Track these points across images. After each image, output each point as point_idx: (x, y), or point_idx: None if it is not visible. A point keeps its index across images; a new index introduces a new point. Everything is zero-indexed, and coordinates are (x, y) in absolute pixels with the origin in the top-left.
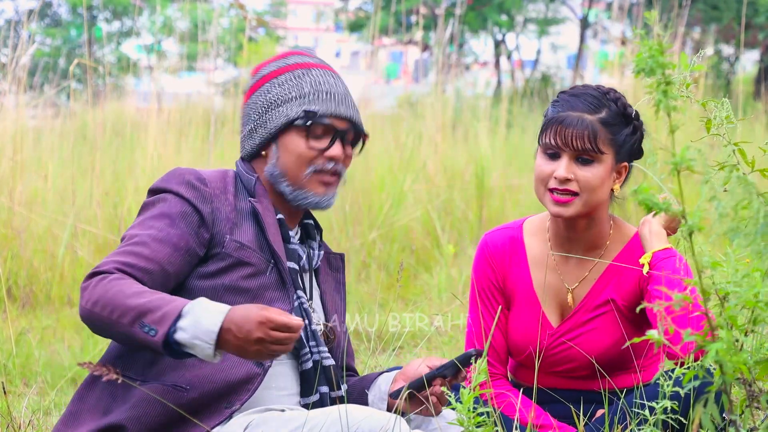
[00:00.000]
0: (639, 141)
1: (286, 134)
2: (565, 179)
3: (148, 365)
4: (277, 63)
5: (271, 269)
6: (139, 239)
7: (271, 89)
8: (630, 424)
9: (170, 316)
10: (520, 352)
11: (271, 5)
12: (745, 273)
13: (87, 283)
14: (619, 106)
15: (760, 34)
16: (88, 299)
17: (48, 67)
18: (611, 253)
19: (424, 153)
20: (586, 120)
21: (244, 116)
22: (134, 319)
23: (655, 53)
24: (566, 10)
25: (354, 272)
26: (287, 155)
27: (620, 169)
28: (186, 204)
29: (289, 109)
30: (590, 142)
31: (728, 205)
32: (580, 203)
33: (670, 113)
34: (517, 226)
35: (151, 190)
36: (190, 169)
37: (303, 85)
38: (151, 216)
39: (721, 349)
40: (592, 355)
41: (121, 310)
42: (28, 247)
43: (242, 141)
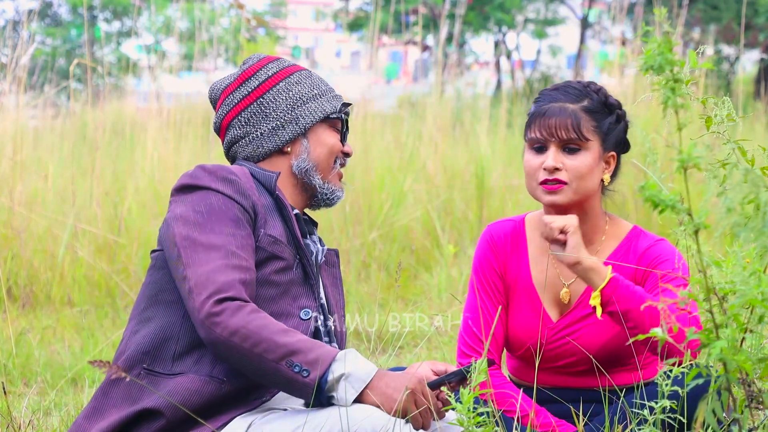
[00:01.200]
0: (624, 131)
1: (319, 129)
2: (554, 168)
3: (176, 359)
4: (276, 65)
5: (297, 264)
6: (228, 249)
7: (290, 88)
8: (630, 423)
9: (325, 360)
10: (519, 347)
11: (271, 5)
12: (752, 271)
13: (218, 308)
14: (600, 96)
15: (760, 34)
16: (225, 327)
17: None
18: (607, 249)
19: (424, 153)
20: (568, 109)
21: (254, 117)
22: (282, 357)
23: (663, 50)
24: (566, 10)
25: (354, 272)
26: (321, 148)
27: (608, 159)
28: (232, 202)
29: (322, 104)
30: (574, 130)
31: (736, 199)
32: (570, 190)
33: (677, 111)
34: (519, 219)
35: (182, 186)
36: (214, 165)
37: (317, 83)
38: (215, 219)
39: (724, 348)
40: (591, 350)
41: (267, 345)
42: (28, 247)
43: (254, 141)
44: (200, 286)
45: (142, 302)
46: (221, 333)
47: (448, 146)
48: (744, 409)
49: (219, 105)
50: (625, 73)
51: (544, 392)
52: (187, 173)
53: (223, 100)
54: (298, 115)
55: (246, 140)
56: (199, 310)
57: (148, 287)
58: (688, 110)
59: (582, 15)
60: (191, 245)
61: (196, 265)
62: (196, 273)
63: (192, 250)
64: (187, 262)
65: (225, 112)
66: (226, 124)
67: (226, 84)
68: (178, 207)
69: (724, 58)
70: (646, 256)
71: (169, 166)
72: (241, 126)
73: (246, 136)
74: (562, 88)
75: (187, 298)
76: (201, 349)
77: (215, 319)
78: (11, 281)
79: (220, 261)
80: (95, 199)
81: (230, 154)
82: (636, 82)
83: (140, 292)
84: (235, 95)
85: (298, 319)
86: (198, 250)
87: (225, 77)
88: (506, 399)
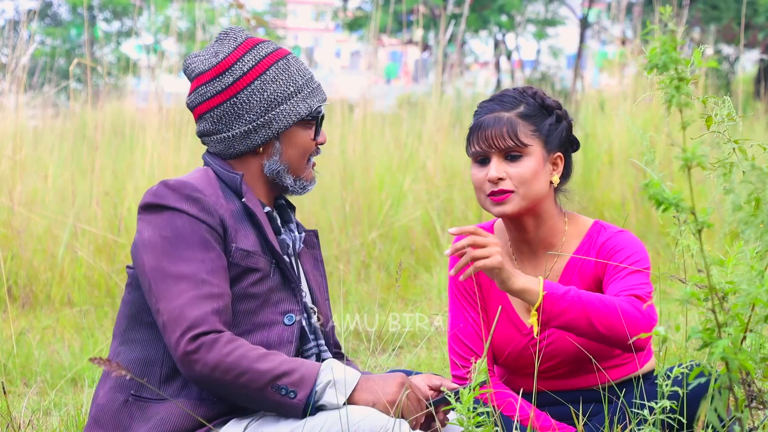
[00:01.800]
0: (567, 130)
1: (292, 130)
2: (498, 179)
3: (163, 382)
4: (252, 57)
5: (274, 270)
6: (198, 278)
7: (265, 87)
8: (630, 423)
9: (309, 377)
10: (499, 356)
11: (270, 5)
12: (759, 270)
13: (194, 345)
14: (537, 99)
15: (759, 34)
16: (204, 364)
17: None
18: (569, 249)
19: (423, 153)
20: (503, 118)
21: (226, 116)
22: (267, 383)
23: (668, 48)
24: (566, 10)
25: (354, 272)
26: (293, 149)
27: (555, 160)
28: (199, 223)
29: (296, 106)
30: (511, 138)
31: (742, 196)
32: (518, 198)
33: (682, 109)
34: (488, 225)
35: (147, 205)
36: (178, 180)
37: (294, 77)
38: (183, 246)
39: (726, 347)
40: (570, 350)
41: (250, 375)
42: (28, 247)
43: (225, 141)
44: (173, 323)
45: (124, 321)
46: (201, 369)
47: (448, 146)
48: (744, 409)
49: (192, 89)
50: (625, 72)
51: (541, 396)
52: (151, 190)
53: (195, 87)
54: (271, 118)
55: (217, 137)
56: (176, 348)
57: (128, 306)
58: (692, 109)
59: (582, 15)
60: (161, 276)
61: (167, 298)
62: (168, 308)
63: (162, 281)
64: (158, 295)
65: (197, 102)
66: (197, 113)
67: (200, 70)
68: (146, 230)
69: (724, 57)
70: (605, 248)
71: (168, 166)
72: (213, 122)
73: (217, 133)
74: (497, 98)
75: (162, 332)
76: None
77: (192, 357)
78: (11, 281)
79: (190, 292)
80: (95, 199)
81: (202, 141)
82: (636, 82)
83: (120, 309)
84: (208, 88)
85: (282, 326)
86: (168, 282)
87: (201, 54)
88: (505, 401)
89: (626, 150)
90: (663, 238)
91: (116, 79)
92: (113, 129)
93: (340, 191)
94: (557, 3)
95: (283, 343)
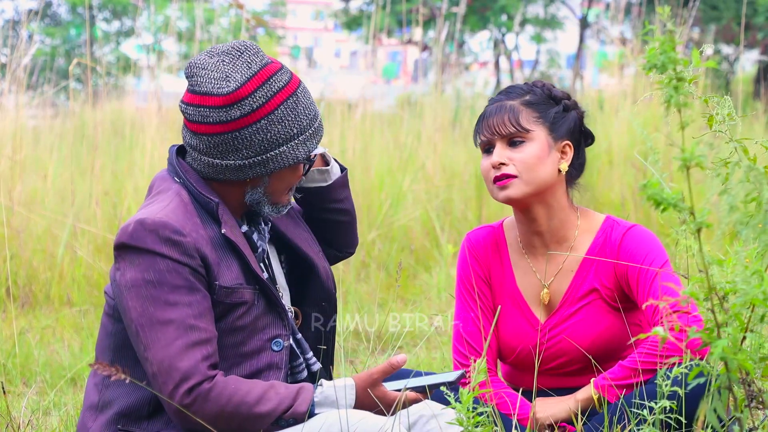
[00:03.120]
0: (577, 121)
1: (285, 170)
2: (500, 164)
3: (151, 416)
4: (264, 94)
5: (258, 297)
6: (185, 324)
7: (270, 128)
8: (629, 423)
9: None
10: (510, 353)
11: (270, 5)
12: (755, 270)
13: (190, 399)
14: (544, 90)
15: (759, 34)
16: (203, 415)
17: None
18: (582, 245)
19: (423, 153)
20: (506, 105)
21: (224, 145)
22: (270, 422)
23: (667, 49)
24: (566, 10)
25: (353, 272)
26: (280, 184)
27: (563, 148)
28: (182, 266)
29: (295, 150)
30: (512, 124)
31: (738, 197)
32: (521, 182)
33: (680, 109)
34: (497, 225)
35: (124, 245)
36: (155, 219)
37: (300, 118)
38: (168, 290)
39: (725, 347)
40: (582, 347)
41: (253, 421)
42: (28, 246)
43: (215, 166)
44: (164, 374)
45: (108, 353)
46: (201, 419)
47: (448, 146)
48: (744, 409)
49: (192, 101)
50: (625, 72)
51: (542, 394)
52: (127, 230)
53: (198, 104)
54: (268, 158)
55: (207, 160)
56: (170, 398)
57: (111, 338)
58: (691, 109)
59: (581, 15)
60: (148, 324)
61: (155, 347)
62: (157, 357)
63: (149, 329)
64: (147, 343)
65: (196, 119)
66: (192, 128)
67: (207, 91)
68: (128, 271)
69: (723, 58)
70: (622, 252)
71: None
72: (208, 146)
73: (209, 156)
74: (505, 91)
75: (152, 381)
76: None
77: (191, 410)
78: (10, 281)
79: (179, 341)
80: (94, 199)
81: (187, 149)
82: (636, 82)
83: (102, 337)
84: (212, 113)
85: (270, 352)
86: (155, 329)
87: (211, 73)
88: (505, 401)
89: (626, 150)
90: (663, 238)
91: (116, 79)
92: (113, 129)
93: None
94: (557, 3)
95: (272, 369)
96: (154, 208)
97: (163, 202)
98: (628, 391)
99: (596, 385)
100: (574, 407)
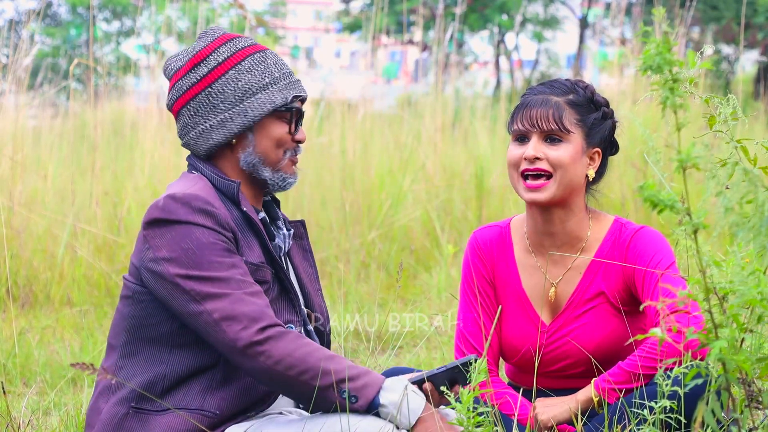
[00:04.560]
0: (610, 130)
1: (266, 121)
2: (535, 158)
3: (164, 394)
4: (227, 49)
5: (274, 280)
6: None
7: (240, 77)
8: (629, 423)
9: (373, 387)
10: (514, 354)
11: (270, 5)
12: (751, 271)
13: (262, 336)
14: (587, 92)
15: (759, 34)
16: (269, 356)
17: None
18: (593, 245)
19: (423, 153)
20: (551, 100)
21: (202, 107)
22: (330, 384)
23: (662, 50)
24: (565, 10)
25: (353, 272)
26: (267, 141)
27: (592, 155)
28: (218, 234)
29: (272, 96)
30: (555, 122)
31: (734, 199)
32: (554, 185)
33: (676, 111)
34: (505, 224)
35: (155, 221)
36: (185, 193)
37: (270, 69)
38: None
39: (723, 348)
40: (587, 350)
41: (314, 372)
42: (28, 246)
43: (202, 134)
44: (230, 318)
45: (123, 335)
46: (265, 361)
47: (448, 146)
48: (744, 409)
49: (170, 87)
50: (625, 73)
51: (543, 393)
52: (158, 205)
53: (173, 84)
54: (246, 107)
55: (195, 132)
56: (236, 340)
57: (127, 320)
58: (687, 110)
59: (581, 15)
60: (197, 281)
61: (212, 299)
62: (218, 306)
63: (201, 285)
64: (201, 297)
65: (175, 98)
66: (176, 110)
67: (177, 66)
68: (162, 247)
69: (723, 58)
70: (630, 254)
71: (168, 166)
72: (191, 116)
73: (195, 127)
74: (548, 83)
75: (214, 331)
76: (188, 382)
77: (258, 348)
78: (11, 281)
79: (237, 292)
80: (95, 199)
81: (183, 142)
82: (635, 82)
83: (117, 321)
84: (184, 81)
85: None
86: (207, 285)
87: (179, 54)
88: (506, 402)
89: (626, 150)
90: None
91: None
92: (113, 129)
93: (340, 191)
94: (557, 3)
95: None
96: (181, 186)
97: (188, 182)
98: (627, 392)
99: (596, 386)
100: (575, 408)
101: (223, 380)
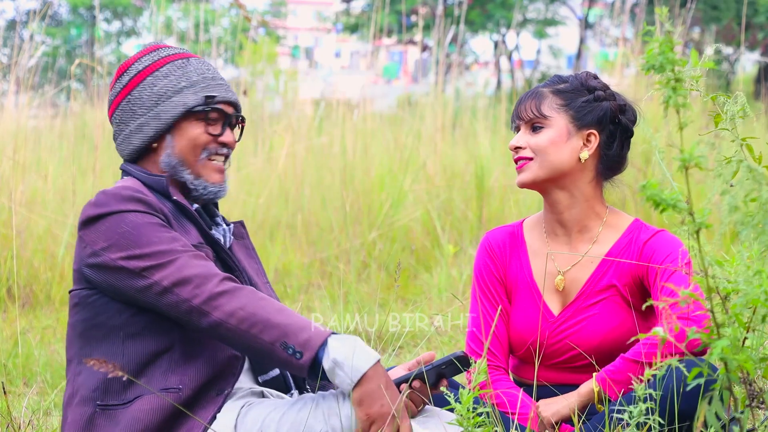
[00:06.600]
0: (608, 111)
1: (183, 123)
2: (516, 147)
3: (127, 386)
4: (150, 57)
5: (215, 261)
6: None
7: (156, 82)
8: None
9: (315, 341)
10: (520, 346)
11: (270, 5)
12: (756, 270)
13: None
14: (580, 79)
15: (759, 34)
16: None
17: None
18: (608, 240)
19: (423, 153)
20: (537, 92)
21: (124, 114)
22: (276, 339)
23: (665, 50)
24: (566, 10)
25: (354, 272)
26: (184, 142)
27: (587, 137)
28: (151, 215)
29: (185, 98)
30: (533, 110)
31: (739, 197)
32: (535, 166)
33: (679, 110)
34: (517, 225)
35: (90, 218)
36: (115, 188)
37: (189, 74)
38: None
39: (725, 347)
40: (593, 342)
41: (263, 326)
42: (28, 247)
43: (125, 139)
44: (180, 282)
45: (76, 342)
46: (218, 316)
47: (448, 146)
48: (745, 409)
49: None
50: (625, 73)
51: (544, 389)
52: (90, 203)
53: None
54: (159, 111)
55: (120, 138)
56: (193, 298)
57: (75, 328)
58: (690, 110)
59: (582, 15)
60: (140, 259)
61: (159, 269)
62: (165, 274)
63: (144, 261)
64: (147, 271)
65: (107, 109)
66: (110, 120)
67: (110, 79)
68: (98, 241)
69: (724, 58)
70: (646, 251)
71: None
72: (117, 123)
73: (120, 133)
74: (550, 78)
75: (167, 299)
76: (148, 367)
77: (213, 303)
78: (11, 281)
79: (182, 256)
80: None
81: (116, 149)
82: (636, 82)
83: (69, 334)
84: (112, 92)
85: None
86: (151, 259)
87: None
88: (510, 401)
89: None
90: None
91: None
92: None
93: (340, 191)
94: (558, 3)
95: None
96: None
97: (118, 183)
98: (628, 389)
99: (598, 379)
100: (576, 402)
101: (182, 359)
